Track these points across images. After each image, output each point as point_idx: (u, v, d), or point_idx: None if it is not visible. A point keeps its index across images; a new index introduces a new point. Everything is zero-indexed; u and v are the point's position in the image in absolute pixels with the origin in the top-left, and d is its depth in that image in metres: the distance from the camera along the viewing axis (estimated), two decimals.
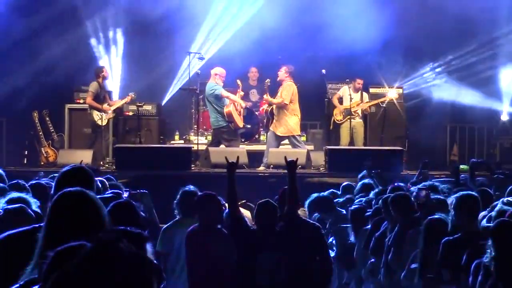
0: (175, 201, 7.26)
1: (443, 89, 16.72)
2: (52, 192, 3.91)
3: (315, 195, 8.44)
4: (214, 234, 6.62)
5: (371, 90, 16.04)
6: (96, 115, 14.67)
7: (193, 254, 6.67)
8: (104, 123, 14.66)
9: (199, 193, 7.09)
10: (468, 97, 16.35)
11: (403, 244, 6.60)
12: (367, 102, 15.53)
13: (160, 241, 7.17)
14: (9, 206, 4.74)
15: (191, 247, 6.69)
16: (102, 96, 14.77)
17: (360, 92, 15.56)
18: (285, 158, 6.86)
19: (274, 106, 14.65)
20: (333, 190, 9.28)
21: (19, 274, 3.10)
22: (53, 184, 4.10)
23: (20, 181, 6.78)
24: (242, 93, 15.00)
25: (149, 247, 2.69)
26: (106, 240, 2.21)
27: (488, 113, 16.43)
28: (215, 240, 6.60)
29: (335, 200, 8.72)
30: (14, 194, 5.16)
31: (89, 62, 16.48)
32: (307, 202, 8.36)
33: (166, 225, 7.32)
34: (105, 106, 14.68)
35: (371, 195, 8.26)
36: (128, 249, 2.21)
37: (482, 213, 6.18)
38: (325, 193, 8.72)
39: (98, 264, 2.18)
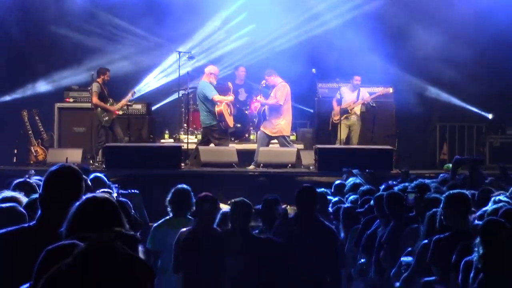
0: (167, 199, 7.23)
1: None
2: (40, 191, 3.86)
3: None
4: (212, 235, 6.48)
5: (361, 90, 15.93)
6: (102, 114, 14.71)
7: (189, 257, 6.52)
8: (109, 123, 14.73)
9: (192, 192, 7.06)
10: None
11: (397, 241, 6.63)
12: (358, 102, 15.35)
13: (151, 239, 7.11)
14: (1, 205, 4.70)
15: (187, 250, 6.53)
16: (106, 94, 14.80)
17: (358, 90, 15.49)
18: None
19: (266, 106, 14.62)
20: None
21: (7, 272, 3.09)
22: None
23: (28, 180, 6.54)
24: (233, 96, 14.82)
25: (141, 248, 2.69)
26: (100, 240, 2.22)
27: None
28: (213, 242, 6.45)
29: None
30: (8, 193, 5.12)
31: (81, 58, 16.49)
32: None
33: (157, 223, 7.29)
34: (111, 106, 14.72)
35: (358, 194, 8.28)
36: (122, 250, 2.22)
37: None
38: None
39: (92, 264, 2.19)
